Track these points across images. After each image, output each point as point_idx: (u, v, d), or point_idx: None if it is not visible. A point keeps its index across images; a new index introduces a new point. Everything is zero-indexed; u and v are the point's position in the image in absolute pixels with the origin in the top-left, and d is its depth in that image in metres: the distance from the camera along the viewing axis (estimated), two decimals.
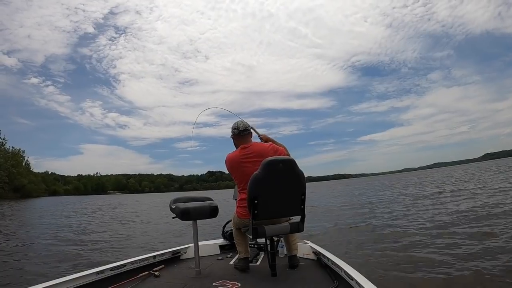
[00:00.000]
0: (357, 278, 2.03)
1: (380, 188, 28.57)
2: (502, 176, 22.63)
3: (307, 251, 3.16)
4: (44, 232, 10.74)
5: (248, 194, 2.40)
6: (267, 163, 2.38)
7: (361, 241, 6.66)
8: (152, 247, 6.77)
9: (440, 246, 5.45)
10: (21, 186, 64.21)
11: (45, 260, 6.25)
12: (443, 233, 6.37)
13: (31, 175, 74.86)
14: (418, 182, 32.73)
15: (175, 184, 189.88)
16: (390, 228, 7.72)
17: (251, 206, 2.39)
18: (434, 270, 4.29)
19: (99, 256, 6.54)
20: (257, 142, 2.88)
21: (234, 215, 2.86)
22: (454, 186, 19.12)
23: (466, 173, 37.75)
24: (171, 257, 3.22)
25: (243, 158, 2.69)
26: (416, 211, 10.26)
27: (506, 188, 13.77)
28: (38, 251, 7.20)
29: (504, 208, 8.37)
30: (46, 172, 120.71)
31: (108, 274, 2.50)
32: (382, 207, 12.65)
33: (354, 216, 11.01)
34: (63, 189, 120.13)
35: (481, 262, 4.40)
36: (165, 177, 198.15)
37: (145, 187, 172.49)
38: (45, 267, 5.62)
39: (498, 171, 30.81)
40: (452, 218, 8.07)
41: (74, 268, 5.15)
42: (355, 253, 5.61)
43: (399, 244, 5.97)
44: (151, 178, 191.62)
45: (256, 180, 2.37)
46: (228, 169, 2.80)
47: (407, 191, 20.52)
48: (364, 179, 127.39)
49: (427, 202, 12.63)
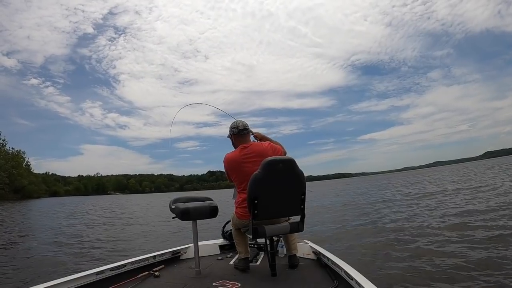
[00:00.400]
0: (357, 278, 2.03)
1: (381, 187, 28.49)
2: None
3: (307, 251, 3.16)
4: (44, 233, 10.77)
5: (248, 194, 2.39)
6: (267, 163, 2.37)
7: (361, 240, 6.66)
8: (152, 247, 6.76)
9: (441, 245, 5.44)
10: (21, 187, 64.24)
11: (44, 261, 6.27)
12: (445, 233, 6.35)
13: (32, 176, 74.97)
14: (420, 180, 32.62)
15: (176, 184, 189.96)
16: (391, 227, 7.73)
17: (251, 206, 2.38)
18: (434, 269, 4.29)
19: (99, 257, 6.55)
20: (256, 142, 2.88)
21: (233, 216, 2.84)
22: (459, 185, 18.99)
23: (474, 171, 37.18)
24: (171, 257, 3.22)
25: (243, 158, 2.67)
26: (418, 210, 10.23)
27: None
28: (37, 253, 7.20)
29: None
30: (46, 173, 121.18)
31: (108, 274, 2.49)
32: (383, 206, 12.61)
33: (355, 215, 11.01)
34: (63, 190, 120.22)
35: (485, 262, 4.35)
36: (165, 177, 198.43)
37: (145, 187, 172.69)
38: (45, 268, 5.63)
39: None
40: (456, 217, 8.00)
41: (74, 269, 5.15)
42: (355, 253, 5.61)
43: (399, 244, 5.96)
44: (151, 178, 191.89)
45: (256, 180, 2.36)
46: (227, 169, 2.76)
47: (408, 190, 20.47)
48: (365, 178, 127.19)
49: (430, 201, 12.53)
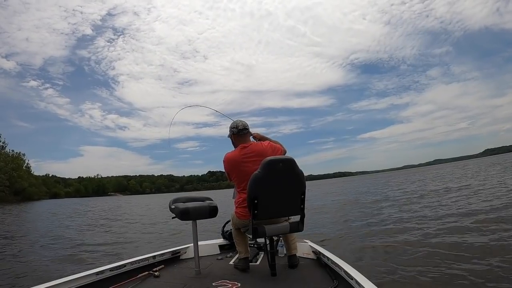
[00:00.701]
0: (356, 278, 2.03)
1: (382, 186, 28.41)
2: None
3: (306, 251, 3.16)
4: (45, 234, 10.74)
5: (248, 194, 2.39)
6: (267, 162, 2.37)
7: (361, 240, 6.66)
8: (152, 247, 6.77)
9: (442, 245, 5.39)
10: (21, 189, 64.21)
11: (44, 262, 6.26)
12: (446, 232, 6.32)
13: (32, 178, 74.95)
14: (421, 178, 32.55)
15: (176, 185, 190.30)
16: (391, 227, 7.71)
17: (251, 206, 2.38)
18: (434, 269, 4.27)
19: (99, 257, 6.55)
20: (255, 141, 2.88)
21: (233, 216, 2.84)
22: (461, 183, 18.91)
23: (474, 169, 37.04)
24: (170, 257, 3.23)
25: (243, 158, 2.67)
26: (419, 209, 10.20)
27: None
28: (38, 254, 7.17)
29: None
30: (46, 175, 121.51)
31: (108, 275, 2.50)
32: (384, 205, 12.54)
33: (355, 214, 10.97)
34: (64, 192, 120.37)
35: (487, 261, 4.32)
36: (165, 177, 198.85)
37: (146, 188, 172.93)
38: (44, 269, 5.63)
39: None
40: (458, 217, 7.91)
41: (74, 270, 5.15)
42: (355, 253, 5.59)
43: (399, 243, 5.94)
44: (152, 179, 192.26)
45: (256, 180, 2.36)
46: (227, 169, 2.76)
47: (412, 188, 20.40)
48: (365, 177, 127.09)
49: (432, 199, 12.43)
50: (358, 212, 11.55)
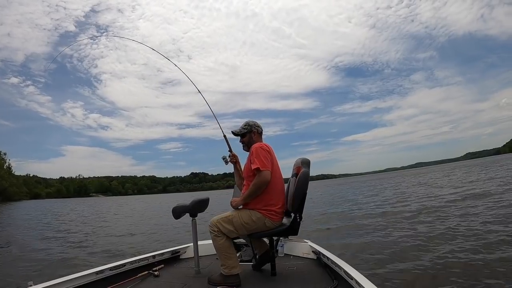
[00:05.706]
0: (356, 278, 2.04)
1: (367, 189, 28.54)
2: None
3: (306, 251, 3.18)
4: (30, 237, 10.38)
5: (302, 190, 2.43)
6: (308, 163, 2.58)
7: (361, 240, 6.71)
8: (151, 247, 6.68)
9: (441, 244, 5.48)
10: (2, 190, 62.20)
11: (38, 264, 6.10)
12: (444, 232, 6.40)
13: (12, 178, 72.91)
14: (416, 182, 32.82)
15: (159, 186, 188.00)
16: (390, 227, 7.74)
17: (302, 203, 2.43)
18: (435, 269, 4.33)
19: (99, 258, 6.41)
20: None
21: (257, 219, 2.47)
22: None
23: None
24: (170, 257, 3.23)
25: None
26: (413, 211, 10.20)
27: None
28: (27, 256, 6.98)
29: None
30: (27, 175, 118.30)
31: (108, 274, 2.50)
32: (375, 207, 12.58)
33: (347, 215, 11.08)
34: (45, 192, 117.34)
35: (485, 260, 4.39)
36: (148, 179, 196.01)
37: (128, 189, 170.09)
38: (40, 271, 5.52)
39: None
40: (454, 217, 8.00)
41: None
42: (355, 253, 5.63)
43: (399, 243, 6.00)
44: (134, 180, 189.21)
45: (308, 178, 2.49)
46: (268, 154, 2.52)
47: (402, 190, 20.62)
48: (348, 179, 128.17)
49: (426, 202, 12.41)
50: (349, 212, 11.57)
